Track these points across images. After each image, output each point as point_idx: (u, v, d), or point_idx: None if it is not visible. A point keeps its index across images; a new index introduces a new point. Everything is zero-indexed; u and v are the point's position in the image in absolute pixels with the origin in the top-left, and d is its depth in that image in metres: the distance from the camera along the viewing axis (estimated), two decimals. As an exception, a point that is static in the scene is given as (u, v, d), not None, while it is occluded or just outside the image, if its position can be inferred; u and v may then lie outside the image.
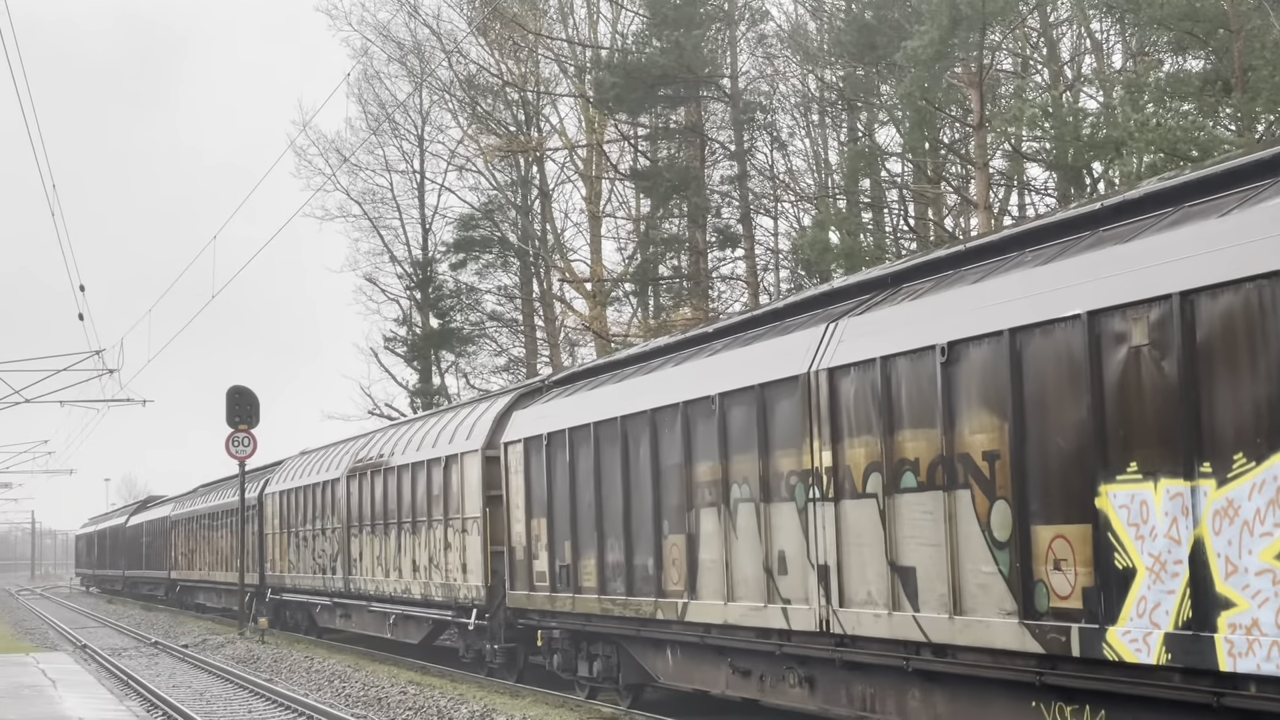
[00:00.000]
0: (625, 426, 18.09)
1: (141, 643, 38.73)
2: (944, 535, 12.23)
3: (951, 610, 12.17)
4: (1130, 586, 10.31)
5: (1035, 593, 11.25)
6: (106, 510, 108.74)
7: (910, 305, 13.28)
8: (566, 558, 19.85)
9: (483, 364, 50.94)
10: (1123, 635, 10.34)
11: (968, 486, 12.01)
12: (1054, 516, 11.07)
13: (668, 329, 37.20)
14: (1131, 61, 30.20)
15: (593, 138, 44.54)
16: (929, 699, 13.03)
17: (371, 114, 51.74)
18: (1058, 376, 11.02)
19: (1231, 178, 10.60)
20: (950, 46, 27.26)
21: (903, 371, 12.88)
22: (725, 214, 40.60)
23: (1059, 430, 11.02)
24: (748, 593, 15.42)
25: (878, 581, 13.20)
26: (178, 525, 56.20)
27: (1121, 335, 10.42)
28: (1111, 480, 10.47)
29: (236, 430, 39.32)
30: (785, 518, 14.67)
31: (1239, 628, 9.42)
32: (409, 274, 52.07)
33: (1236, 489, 9.46)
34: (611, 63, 39.27)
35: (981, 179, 29.83)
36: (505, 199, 48.81)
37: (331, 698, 22.88)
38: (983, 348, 11.86)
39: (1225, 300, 9.58)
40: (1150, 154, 23.01)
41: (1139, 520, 10.23)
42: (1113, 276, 10.58)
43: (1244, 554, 9.40)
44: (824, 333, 14.31)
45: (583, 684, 20.55)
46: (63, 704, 20.18)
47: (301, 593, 35.59)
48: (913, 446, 12.72)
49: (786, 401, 14.64)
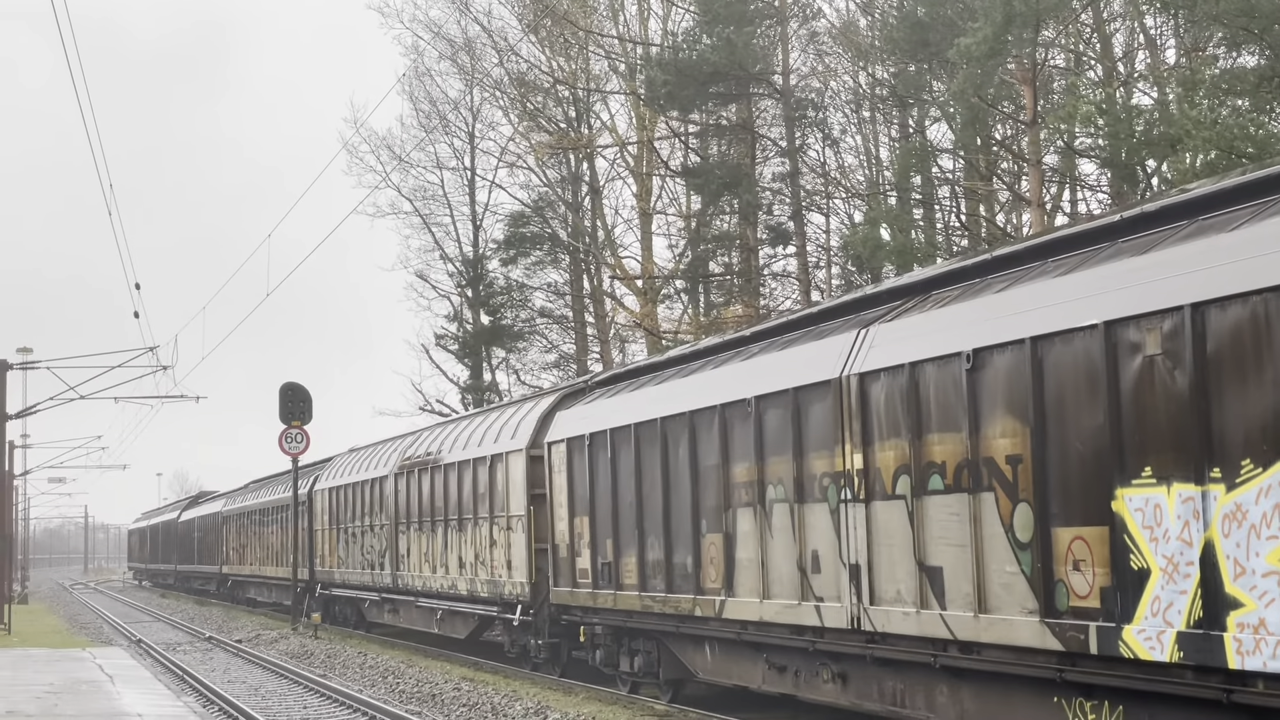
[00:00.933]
0: (665, 428, 18.56)
1: (195, 638, 39.14)
2: (969, 536, 12.65)
3: (976, 609, 12.60)
4: (1145, 587, 10.71)
5: (1055, 592, 11.66)
6: (158, 505, 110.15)
7: (938, 312, 13.70)
8: (608, 555, 20.34)
9: (533, 360, 51.26)
10: (1138, 634, 10.74)
11: (992, 489, 12.42)
12: (1073, 519, 11.47)
13: (719, 326, 37.52)
14: (1186, 57, 30.05)
15: (643, 135, 44.67)
16: (956, 695, 13.45)
17: (423, 111, 52.07)
18: (1076, 384, 11.42)
19: (1243, 192, 10.98)
20: (1004, 43, 27.22)
21: (930, 377, 13.30)
22: (776, 211, 40.63)
23: (1078, 435, 11.43)
24: (782, 591, 15.87)
25: (907, 580, 13.62)
26: (229, 521, 57.05)
27: (1136, 345, 10.81)
28: (1127, 484, 10.87)
29: (290, 427, 39.68)
30: (818, 518, 15.11)
31: (1247, 627, 9.82)
32: (460, 271, 52.40)
33: (1244, 494, 9.85)
34: (663, 60, 39.40)
35: (1035, 176, 29.90)
36: (556, 195, 49.03)
37: (386, 694, 23.10)
38: (1006, 355, 12.27)
39: (1234, 312, 9.97)
40: (1207, 151, 22.92)
41: (1153, 523, 10.63)
42: (1128, 288, 10.97)
43: (1251, 556, 9.80)
44: (856, 338, 14.74)
45: (624, 679, 21.05)
46: (121, 700, 20.35)
47: (350, 588, 36.25)
48: (940, 450, 13.14)
49: (819, 405, 15.08)
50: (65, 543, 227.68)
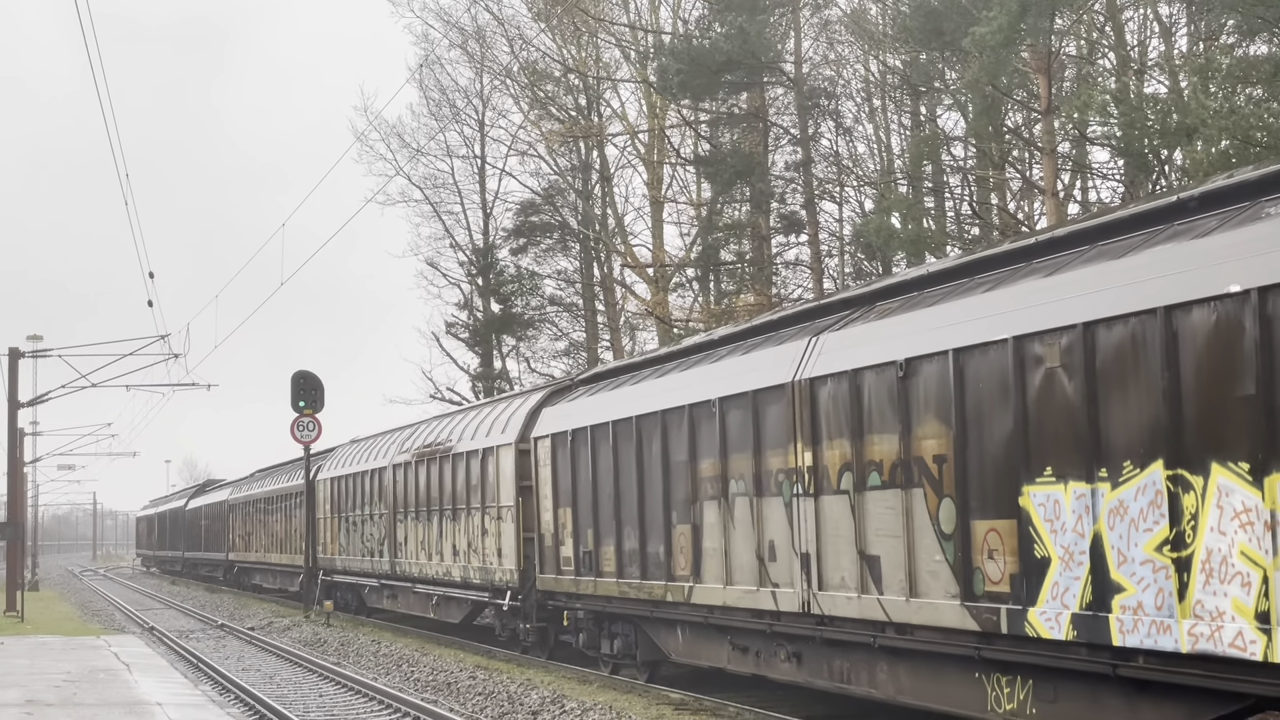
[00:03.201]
0: (640, 425, 19.87)
1: (208, 625, 39.52)
2: (902, 528, 13.97)
3: (909, 594, 13.92)
4: (1046, 573, 12.03)
5: (974, 578, 12.98)
6: (167, 493, 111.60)
7: (880, 323, 15.00)
8: (589, 544, 21.66)
9: (543, 348, 51.34)
10: (1040, 615, 12.07)
11: (921, 486, 13.74)
12: (988, 512, 12.79)
13: (730, 315, 37.91)
14: (1201, 45, 30.11)
15: (654, 123, 44.81)
16: (894, 672, 14.77)
17: (433, 99, 52.00)
18: (991, 392, 12.73)
19: (1142, 220, 12.27)
20: (1019, 32, 27.02)
21: (870, 383, 14.60)
22: (789, 199, 40.62)
23: (992, 438, 12.74)
24: (744, 577, 17.19)
25: (850, 568, 14.94)
26: (235, 509, 58.44)
27: (1040, 358, 12.12)
28: (1032, 482, 12.19)
29: (301, 414, 39.78)
30: (774, 511, 16.43)
31: (1128, 609, 11.13)
32: (470, 259, 52.43)
33: (1126, 491, 11.16)
34: (675, 48, 39.31)
35: (1049, 164, 29.99)
36: (566, 184, 49.12)
37: (400, 682, 23.39)
38: (933, 364, 13.57)
39: (1117, 331, 11.27)
40: (1222, 141, 22.78)
41: (1053, 517, 11.94)
42: (1034, 306, 12.28)
43: (1132, 546, 11.11)
44: (808, 345, 16.05)
45: (606, 661, 22.37)
46: (139, 688, 20.45)
47: (351, 574, 37.64)
48: (878, 449, 14.46)
49: (775, 407, 16.39)
50: (74, 529, 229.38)
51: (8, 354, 45.00)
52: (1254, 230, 10.31)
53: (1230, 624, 10.17)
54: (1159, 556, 10.83)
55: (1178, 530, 10.67)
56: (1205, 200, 11.57)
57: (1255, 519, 9.97)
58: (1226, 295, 10.20)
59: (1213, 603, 10.34)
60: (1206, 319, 10.41)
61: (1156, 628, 10.83)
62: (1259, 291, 9.92)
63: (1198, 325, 10.50)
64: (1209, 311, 10.39)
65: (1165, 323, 10.74)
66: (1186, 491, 10.59)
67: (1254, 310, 9.95)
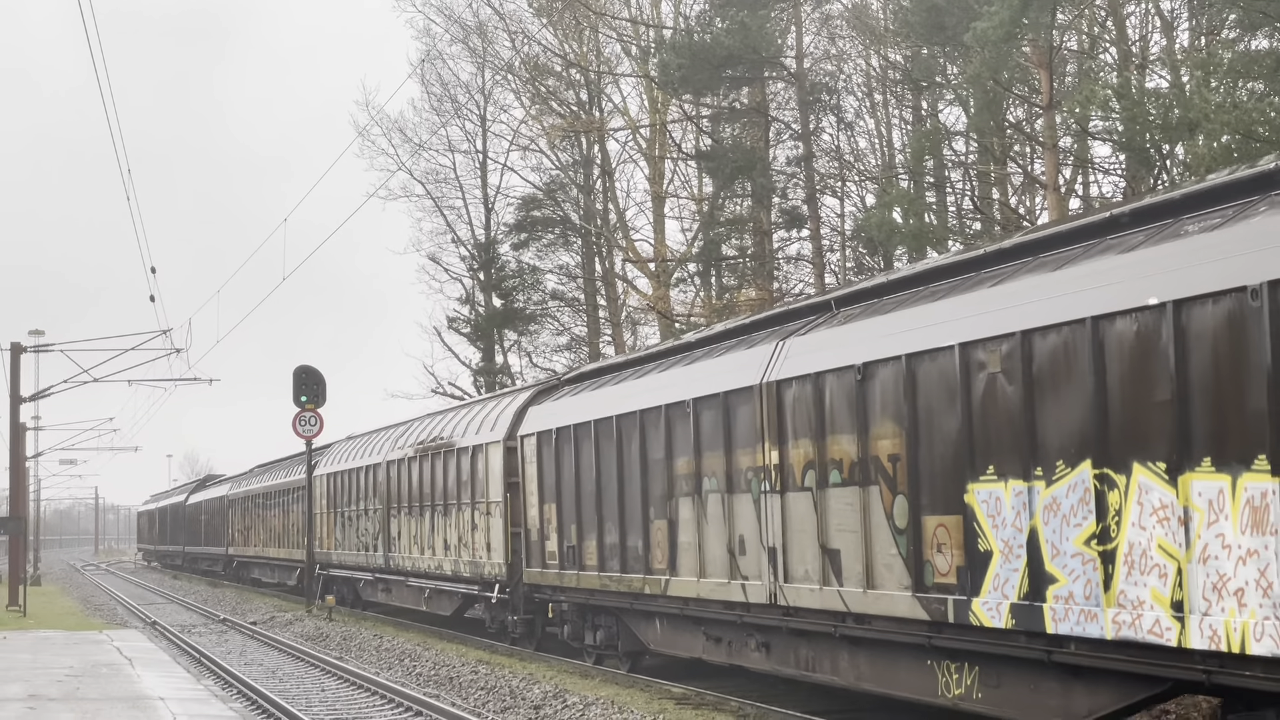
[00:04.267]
0: (620, 425, 20.65)
1: (210, 619, 39.57)
2: (860, 523, 14.75)
3: (866, 585, 14.69)
4: (989, 566, 12.81)
5: (924, 571, 13.76)
6: (168, 487, 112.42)
7: (841, 329, 15.77)
8: (572, 539, 22.44)
9: (545, 343, 51.55)
10: (983, 605, 12.85)
11: (877, 483, 14.51)
12: (937, 508, 13.57)
13: (732, 309, 38.28)
14: (1202, 40, 30.26)
15: (656, 118, 45.01)
16: (855, 660, 15.56)
17: (434, 94, 52.20)
18: (940, 395, 13.51)
19: (1080, 233, 13.03)
20: (1020, 27, 27.10)
21: (831, 386, 15.37)
22: (790, 194, 40.74)
23: (941, 438, 13.51)
24: (716, 571, 17.97)
25: (813, 561, 15.72)
26: (235, 504, 59.24)
27: (983, 363, 12.89)
28: (976, 479, 12.96)
29: (303, 409, 40.05)
30: (744, 507, 17.21)
31: (1060, 598, 11.92)
32: (472, 254, 52.58)
33: (1059, 488, 11.94)
34: (676, 43, 39.46)
35: (1050, 159, 30.10)
36: (568, 178, 49.28)
37: (403, 676, 23.50)
38: (888, 369, 14.34)
39: (1051, 340, 12.04)
40: (1224, 135, 22.89)
41: (994, 512, 12.72)
42: (979, 315, 13.05)
43: (1064, 540, 11.89)
44: (775, 349, 16.82)
45: (590, 651, 23.15)
46: (141, 682, 20.47)
47: (346, 568, 38.45)
48: (838, 449, 15.23)
49: (745, 408, 17.16)
50: (76, 524, 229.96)
51: (9, 349, 45.18)
52: (1172, 247, 11.07)
53: (1149, 612, 10.95)
54: (1087, 550, 11.61)
55: (1104, 525, 11.45)
56: (1136, 216, 12.33)
57: (1171, 515, 10.75)
58: (1146, 307, 10.97)
59: (1134, 593, 11.12)
60: (1129, 329, 11.19)
61: (1085, 616, 11.61)
62: (1174, 304, 10.68)
63: (1121, 335, 11.27)
64: (1131, 322, 11.16)
65: (1093, 332, 11.51)
66: (1111, 489, 11.36)
67: (1170, 322, 10.72)
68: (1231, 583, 10.22)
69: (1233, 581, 10.21)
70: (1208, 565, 10.43)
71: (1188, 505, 10.59)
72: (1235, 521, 10.18)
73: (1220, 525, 10.32)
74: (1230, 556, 10.23)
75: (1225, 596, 10.28)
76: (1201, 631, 10.45)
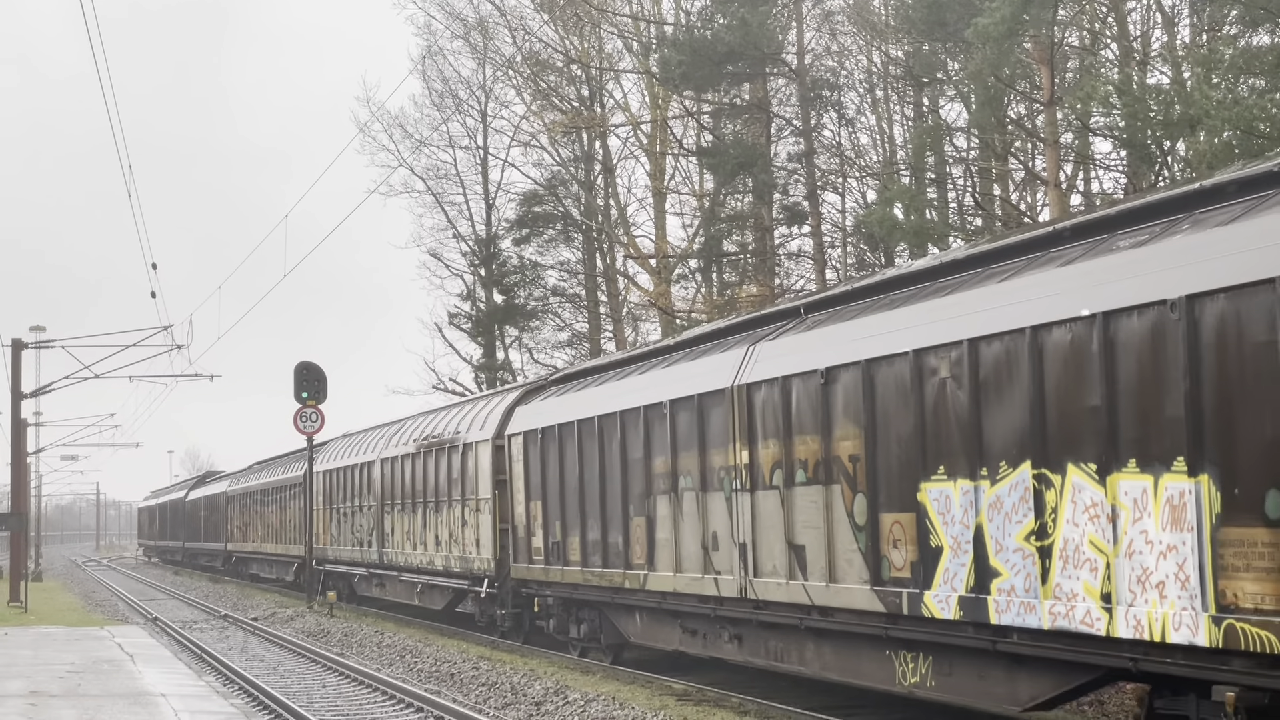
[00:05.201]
0: (601, 425, 21.38)
1: (211, 615, 39.69)
2: (823, 520, 15.48)
3: (829, 579, 15.43)
4: (939, 560, 13.55)
5: (881, 565, 14.49)
6: (169, 483, 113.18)
7: (808, 334, 16.50)
8: (557, 535, 23.18)
9: (546, 339, 51.35)
10: (934, 598, 13.58)
11: (839, 482, 15.24)
12: (893, 506, 14.30)
13: (733, 306, 38.40)
14: (1204, 36, 30.02)
15: (657, 114, 44.87)
16: (819, 650, 16.30)
17: (435, 90, 52.07)
18: (895, 398, 14.24)
19: (1028, 246, 13.76)
20: (1021, 23, 26.88)
21: (797, 389, 16.10)
22: (791, 190, 40.52)
23: (896, 439, 14.24)
24: (691, 566, 18.71)
25: (780, 557, 16.45)
26: (233, 500, 59.99)
27: (934, 369, 13.62)
28: (928, 479, 13.70)
29: (304, 405, 39.97)
30: (717, 504, 17.94)
31: (1003, 591, 12.65)
32: (473, 249, 52.44)
33: (1002, 488, 12.67)
34: (677, 39, 39.36)
35: (1051, 155, 29.86)
36: (569, 174, 49.23)
37: (404, 672, 23.54)
38: (849, 373, 15.07)
39: (995, 347, 12.77)
40: (1225, 132, 22.64)
41: (945, 510, 13.46)
42: (932, 323, 13.78)
43: (1006, 536, 12.62)
44: (746, 353, 17.55)
45: (574, 644, 23.90)
46: (143, 679, 20.49)
47: (342, 564, 39.20)
48: (804, 449, 15.96)
49: (718, 409, 17.89)
50: (77, 519, 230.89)
51: (11, 345, 45.32)
52: (1104, 261, 11.80)
53: (1081, 604, 11.69)
54: (1027, 545, 12.35)
55: (1041, 522, 12.18)
56: (1076, 231, 13.06)
57: (1100, 513, 11.49)
58: (1079, 318, 11.70)
59: (1068, 585, 11.86)
60: (1064, 338, 11.92)
61: (1024, 608, 12.35)
62: (1103, 316, 11.41)
63: (1057, 344, 12.00)
64: (1066, 332, 11.89)
65: (1033, 341, 12.24)
66: (1049, 488, 12.10)
67: (1099, 332, 11.45)
68: (1154, 576, 10.95)
69: (1155, 575, 10.94)
70: (1133, 560, 11.16)
71: (1115, 504, 11.33)
72: (1157, 519, 10.91)
73: (1144, 522, 11.05)
74: (1153, 551, 10.96)
75: (1148, 589, 11.01)
76: (1127, 622, 11.19)
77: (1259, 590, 10.03)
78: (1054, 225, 13.53)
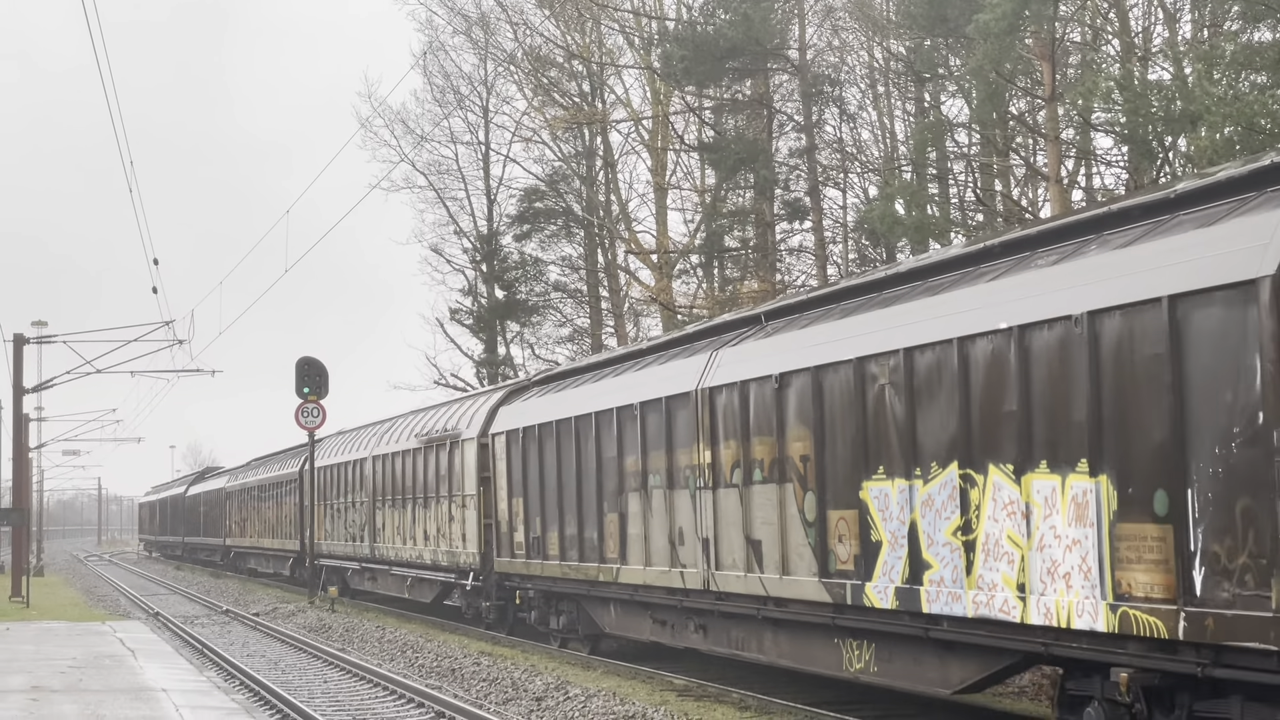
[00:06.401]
0: (578, 425, 22.39)
1: (213, 611, 39.89)
2: (777, 516, 16.49)
3: (782, 572, 16.44)
4: (879, 554, 14.56)
5: (828, 558, 15.50)
6: (170, 478, 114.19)
7: (766, 341, 17.50)
8: (537, 530, 24.20)
9: (547, 334, 51.51)
10: (874, 588, 14.59)
11: (791, 481, 16.25)
12: (839, 503, 15.31)
13: (735, 301, 38.74)
14: (1205, 32, 30.20)
15: (658, 109, 45.03)
16: (776, 639, 17.31)
17: (436, 85, 52.14)
18: (841, 403, 15.24)
19: (961, 261, 14.76)
20: (1023, 18, 27.01)
21: (755, 393, 17.10)
22: (793, 186, 40.47)
23: (842, 441, 15.25)
24: (659, 560, 19.72)
25: (739, 551, 17.47)
26: (231, 496, 61.04)
27: (875, 376, 14.63)
28: (870, 478, 14.70)
29: (306, 401, 40.14)
30: (683, 501, 18.96)
31: (933, 582, 13.66)
32: (474, 245, 52.54)
33: (933, 486, 13.68)
34: (679, 35, 39.47)
35: (1053, 151, 29.96)
36: (570, 170, 49.40)
37: (405, 668, 23.72)
38: (801, 379, 16.07)
39: (928, 356, 13.78)
40: (1226, 127, 22.70)
41: (884, 507, 14.46)
42: (873, 333, 14.79)
43: (937, 531, 13.63)
44: (709, 358, 18.56)
45: (554, 635, 24.92)
46: (144, 674, 20.61)
47: (336, 558, 40.25)
48: (760, 449, 16.97)
49: (683, 411, 18.91)
50: (79, 514, 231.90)
51: (12, 340, 45.78)
52: (1022, 277, 12.81)
53: (1000, 593, 12.70)
54: (954, 539, 13.35)
55: (967, 518, 13.19)
56: (1005, 247, 14.06)
57: (1017, 510, 12.49)
58: (998, 330, 12.70)
59: (989, 576, 12.86)
60: (986, 349, 12.92)
61: (951, 597, 13.36)
62: (1019, 329, 12.41)
63: (980, 354, 13.01)
64: (988, 343, 12.89)
65: (960, 351, 13.24)
66: (973, 487, 13.10)
67: (1015, 344, 12.45)
68: (1061, 567, 11.96)
69: (1062, 566, 11.95)
70: (1044, 553, 12.17)
71: (1029, 501, 12.33)
72: (1064, 515, 11.92)
73: (1053, 519, 12.06)
74: (1060, 545, 11.97)
75: (1057, 579, 12.02)
76: (1039, 609, 12.19)
77: (1149, 580, 11.03)
78: (985, 243, 14.52)
